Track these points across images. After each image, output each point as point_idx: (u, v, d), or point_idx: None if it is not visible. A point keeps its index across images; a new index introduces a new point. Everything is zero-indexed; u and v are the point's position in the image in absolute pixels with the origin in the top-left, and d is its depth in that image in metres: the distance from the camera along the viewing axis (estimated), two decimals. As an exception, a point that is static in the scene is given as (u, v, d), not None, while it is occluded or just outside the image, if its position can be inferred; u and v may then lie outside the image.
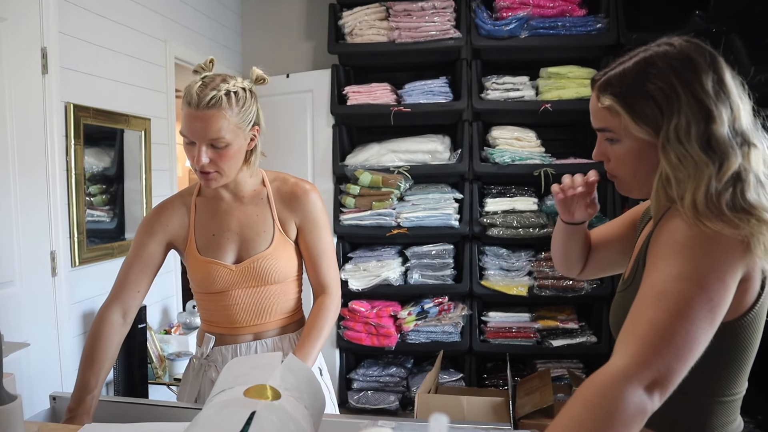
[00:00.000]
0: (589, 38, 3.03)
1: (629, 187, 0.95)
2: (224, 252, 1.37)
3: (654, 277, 0.79)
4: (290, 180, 1.43)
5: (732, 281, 0.78)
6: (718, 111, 0.82)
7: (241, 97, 1.27)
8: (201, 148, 1.24)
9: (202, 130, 1.23)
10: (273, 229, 1.38)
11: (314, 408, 1.06)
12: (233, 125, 1.25)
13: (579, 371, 3.09)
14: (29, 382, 2.05)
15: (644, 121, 0.85)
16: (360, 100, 3.27)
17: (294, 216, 1.40)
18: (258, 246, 1.37)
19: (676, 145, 0.82)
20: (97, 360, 1.28)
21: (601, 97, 0.89)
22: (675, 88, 0.83)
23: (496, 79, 3.17)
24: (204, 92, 1.22)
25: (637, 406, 0.71)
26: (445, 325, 3.21)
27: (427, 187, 3.27)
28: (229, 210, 1.39)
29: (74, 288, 2.30)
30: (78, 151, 2.29)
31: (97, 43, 2.43)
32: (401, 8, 3.16)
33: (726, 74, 0.86)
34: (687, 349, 0.74)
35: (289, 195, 1.40)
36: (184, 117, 1.25)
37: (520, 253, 3.18)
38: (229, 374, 1.04)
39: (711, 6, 2.68)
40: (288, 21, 3.76)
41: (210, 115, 1.22)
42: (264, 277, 1.37)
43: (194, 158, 1.26)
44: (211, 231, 1.39)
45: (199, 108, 1.22)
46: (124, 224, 2.64)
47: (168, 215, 1.41)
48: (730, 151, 0.82)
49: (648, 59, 0.87)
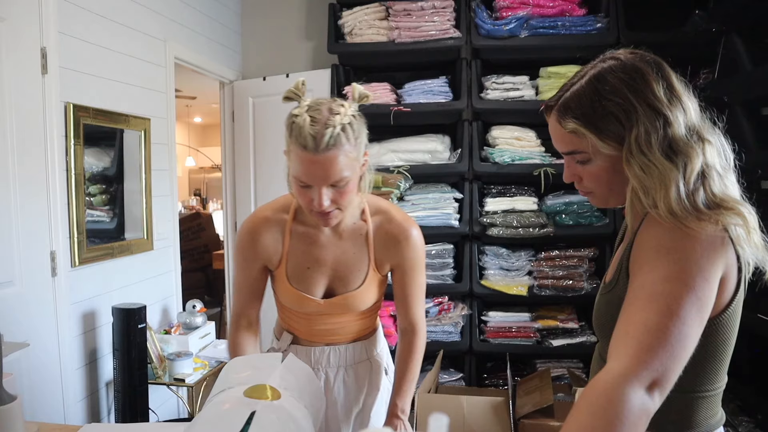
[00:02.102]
0: (589, 38, 3.03)
1: (605, 199, 0.97)
2: (315, 287, 1.34)
3: (642, 280, 0.81)
4: (394, 219, 1.35)
5: (715, 279, 0.81)
6: (674, 115, 0.85)
7: (356, 126, 1.17)
8: (321, 191, 1.15)
9: (324, 174, 1.13)
10: (368, 268, 1.34)
11: (314, 408, 1.06)
12: (351, 160, 1.16)
13: (579, 371, 3.09)
14: (29, 382, 2.05)
15: (609, 137, 0.87)
16: (360, 100, 3.26)
17: (392, 259, 1.35)
18: (350, 284, 1.34)
19: (638, 155, 0.85)
20: None
21: (563, 121, 0.91)
22: (630, 101, 0.86)
23: (495, 79, 3.17)
24: (320, 133, 1.10)
25: (641, 408, 0.72)
26: (445, 324, 3.21)
27: (427, 186, 3.27)
28: (326, 244, 1.33)
29: (74, 288, 2.30)
30: (78, 151, 2.29)
31: (97, 43, 2.43)
32: (401, 8, 3.16)
33: (673, 78, 0.89)
34: (681, 347, 0.75)
35: (391, 237, 1.33)
36: (299, 160, 1.13)
37: (520, 252, 3.18)
38: (229, 374, 1.04)
39: (711, 6, 2.68)
40: (288, 21, 3.76)
41: (331, 158, 1.11)
42: (351, 309, 1.36)
43: (311, 201, 1.17)
44: (306, 264, 1.33)
45: (319, 151, 1.11)
46: (124, 224, 2.64)
47: (263, 242, 1.33)
48: (691, 150, 0.85)
49: (598, 77, 0.89)
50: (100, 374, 2.49)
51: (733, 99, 2.48)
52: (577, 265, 3.09)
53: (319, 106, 1.16)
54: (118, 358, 2.36)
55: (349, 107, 1.19)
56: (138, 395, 2.39)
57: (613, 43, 3.01)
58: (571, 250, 3.11)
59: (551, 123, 0.95)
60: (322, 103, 1.17)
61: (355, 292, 1.34)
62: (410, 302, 1.39)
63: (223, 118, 3.77)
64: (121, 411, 2.37)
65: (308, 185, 1.16)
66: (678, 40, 2.99)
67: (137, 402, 2.39)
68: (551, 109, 0.94)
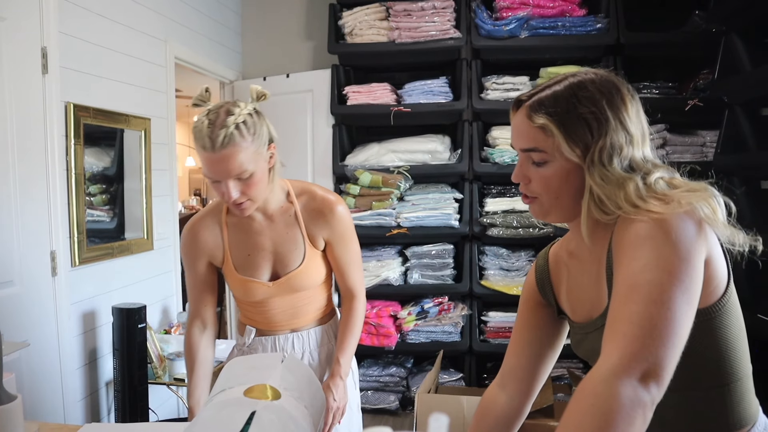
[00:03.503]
0: (589, 38, 3.03)
1: (547, 210, 0.95)
2: (260, 271, 1.45)
3: (623, 274, 0.80)
4: (317, 195, 1.46)
5: (698, 260, 0.79)
6: (638, 137, 0.89)
7: (251, 123, 1.27)
8: (228, 184, 1.26)
9: (225, 170, 1.25)
10: (304, 245, 1.45)
11: (314, 408, 1.06)
12: (252, 154, 1.27)
13: (579, 371, 3.09)
14: (29, 382, 2.05)
15: (575, 142, 0.88)
16: (360, 100, 3.27)
17: (322, 232, 1.45)
18: (291, 263, 1.44)
19: (599, 166, 0.86)
20: (195, 371, 1.44)
21: (534, 116, 0.90)
22: (605, 112, 0.87)
23: (496, 79, 3.17)
24: (214, 133, 1.22)
25: (633, 400, 0.70)
26: (445, 325, 3.21)
27: (427, 187, 3.27)
28: (260, 230, 1.44)
29: (74, 288, 2.30)
30: (78, 150, 2.29)
31: (97, 43, 2.43)
32: (401, 8, 3.16)
33: (640, 106, 0.92)
34: (671, 333, 0.73)
35: (317, 212, 1.44)
36: (202, 160, 1.26)
37: (520, 252, 3.18)
38: (229, 374, 1.04)
39: (711, 6, 2.68)
40: (288, 21, 3.76)
41: (228, 155, 1.23)
42: (299, 288, 1.46)
43: (223, 194, 1.29)
44: (246, 251, 1.45)
45: (215, 150, 1.22)
46: (124, 224, 2.64)
47: (203, 238, 1.45)
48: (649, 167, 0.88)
49: (579, 84, 0.90)
50: (100, 374, 2.49)
51: (733, 99, 2.48)
52: (577, 266, 3.09)
53: (218, 110, 1.26)
54: (118, 358, 2.36)
55: (246, 107, 1.29)
56: (138, 395, 2.39)
57: (613, 44, 3.01)
58: (571, 251, 3.11)
59: (518, 117, 0.94)
60: (221, 106, 1.27)
61: (299, 270, 1.44)
62: (346, 270, 1.51)
63: (223, 118, 3.77)
64: (121, 411, 2.37)
65: (217, 180, 1.27)
66: (678, 40, 2.99)
67: (137, 402, 2.39)
68: (522, 103, 0.94)
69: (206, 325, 1.49)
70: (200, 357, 1.46)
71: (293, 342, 1.51)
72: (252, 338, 1.52)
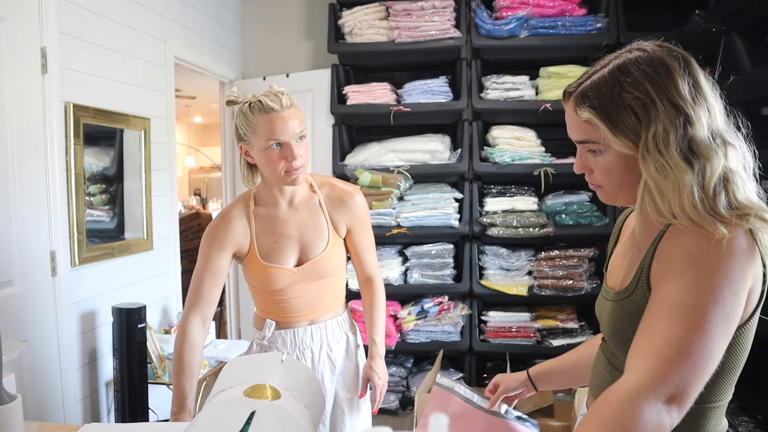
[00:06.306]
0: (589, 38, 3.03)
1: (614, 195, 0.92)
2: (286, 257, 1.50)
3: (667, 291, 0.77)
4: (337, 186, 1.59)
5: (744, 293, 0.77)
6: (696, 114, 0.81)
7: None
8: (293, 144, 1.38)
9: (292, 126, 1.38)
10: (328, 232, 1.53)
11: (314, 408, 1.06)
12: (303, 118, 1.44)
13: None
14: (29, 382, 2.05)
15: (623, 133, 0.83)
16: (360, 100, 3.27)
17: (344, 218, 1.56)
18: (316, 248, 1.51)
19: (655, 154, 0.80)
20: (188, 368, 1.41)
21: (579, 109, 0.87)
22: (651, 96, 0.81)
23: (495, 79, 3.17)
24: (279, 98, 1.39)
25: (655, 423, 0.69)
26: (445, 324, 3.21)
27: (427, 186, 3.27)
28: (286, 218, 1.52)
29: (74, 288, 2.30)
30: (78, 150, 2.29)
31: (97, 43, 2.43)
32: (401, 8, 3.16)
33: (700, 76, 0.84)
34: (704, 363, 0.72)
35: (339, 200, 1.55)
36: (269, 123, 1.37)
37: (520, 252, 3.18)
38: (229, 374, 1.04)
39: (711, 6, 2.68)
40: (288, 21, 3.76)
41: (293, 113, 1.39)
42: (322, 273, 1.52)
43: (287, 157, 1.38)
44: (273, 239, 1.50)
45: (283, 109, 1.38)
46: (124, 224, 2.64)
47: (233, 228, 1.50)
48: (711, 153, 0.81)
49: (621, 67, 0.85)
50: (100, 374, 2.49)
51: (733, 99, 2.48)
52: (577, 265, 3.09)
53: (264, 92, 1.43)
54: (118, 358, 2.36)
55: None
56: (138, 395, 2.38)
57: (613, 44, 3.01)
58: (571, 250, 3.11)
59: (568, 110, 0.91)
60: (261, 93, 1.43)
61: (322, 255, 1.51)
62: (365, 255, 1.63)
63: (223, 117, 3.77)
64: (121, 411, 2.37)
65: (279, 144, 1.38)
66: (678, 39, 2.99)
67: (137, 402, 2.39)
68: (570, 95, 0.90)
69: (205, 322, 1.49)
70: (199, 355, 1.45)
71: (312, 333, 1.54)
72: (272, 331, 1.54)
